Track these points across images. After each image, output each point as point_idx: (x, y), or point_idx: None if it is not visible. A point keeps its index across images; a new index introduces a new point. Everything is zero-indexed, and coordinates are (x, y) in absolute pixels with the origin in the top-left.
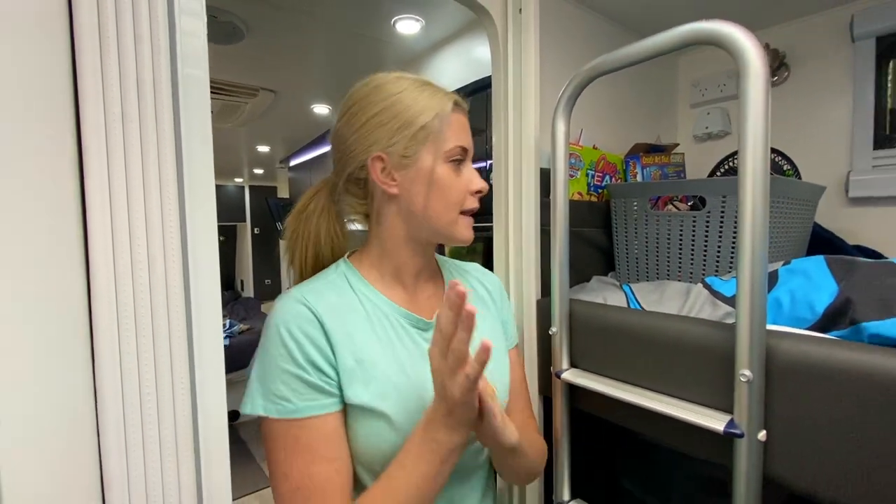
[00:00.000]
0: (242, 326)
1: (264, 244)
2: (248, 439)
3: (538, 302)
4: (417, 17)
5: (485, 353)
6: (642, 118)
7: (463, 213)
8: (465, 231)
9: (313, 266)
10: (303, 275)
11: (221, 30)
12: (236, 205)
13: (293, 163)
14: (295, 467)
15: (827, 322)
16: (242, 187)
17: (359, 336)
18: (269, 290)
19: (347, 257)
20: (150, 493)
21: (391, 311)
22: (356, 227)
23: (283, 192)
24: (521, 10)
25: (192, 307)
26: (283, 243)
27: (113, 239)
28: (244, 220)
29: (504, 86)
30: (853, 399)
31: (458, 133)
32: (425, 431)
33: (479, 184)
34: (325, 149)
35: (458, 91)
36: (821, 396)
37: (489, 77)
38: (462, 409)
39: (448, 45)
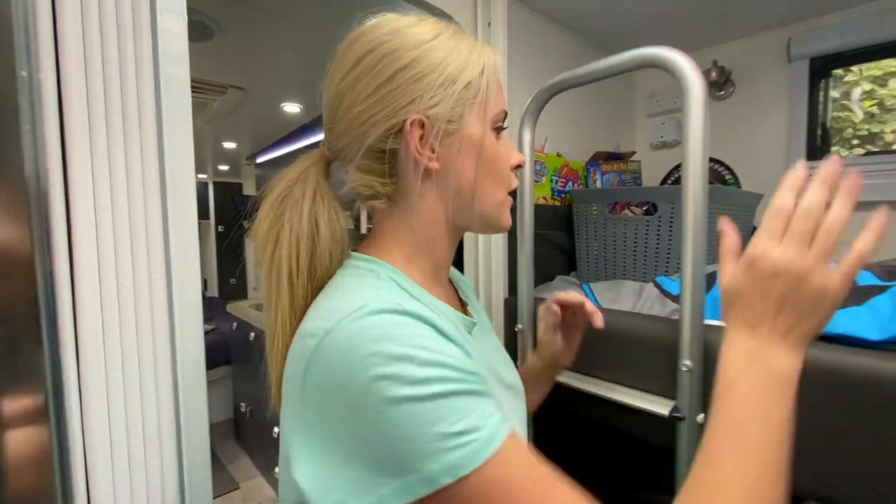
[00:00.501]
0: (207, 327)
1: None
2: (211, 441)
3: (506, 300)
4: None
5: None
6: (603, 127)
7: (510, 192)
8: (507, 214)
9: (308, 270)
10: (292, 281)
11: (192, 28)
12: (199, 201)
13: (260, 160)
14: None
15: None
16: (206, 183)
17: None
18: (235, 289)
19: (359, 253)
20: (135, 492)
21: (454, 316)
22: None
23: (250, 190)
24: (489, 23)
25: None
26: (250, 241)
27: (97, 239)
28: (208, 218)
29: None
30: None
31: (501, 95)
32: (760, 363)
33: (519, 157)
34: (295, 146)
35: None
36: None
37: None
38: (832, 306)
39: None
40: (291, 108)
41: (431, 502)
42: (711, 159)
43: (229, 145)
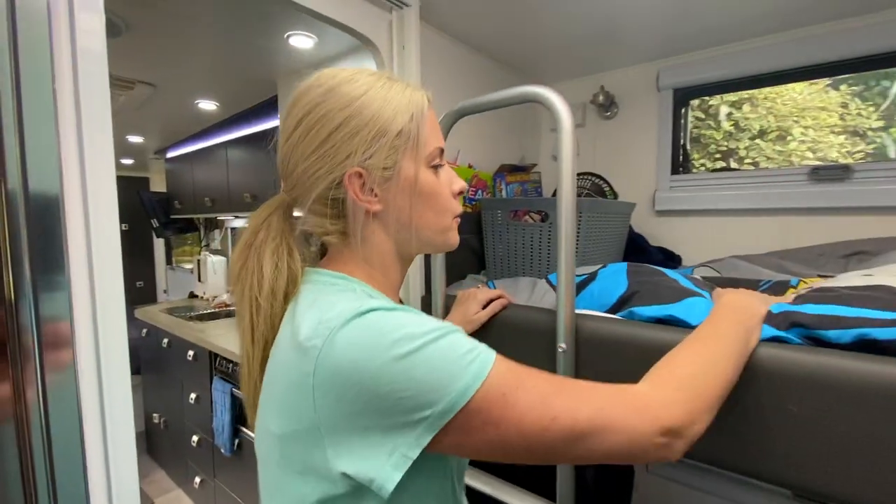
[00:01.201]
0: None
1: (135, 243)
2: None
3: (422, 298)
4: (310, 34)
5: None
6: (510, 141)
7: (456, 216)
8: (454, 236)
9: (270, 300)
10: (252, 314)
11: None
12: None
13: (171, 154)
14: (536, 379)
15: (617, 307)
16: None
17: None
18: (142, 293)
19: (328, 270)
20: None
21: None
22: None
23: (158, 185)
24: (404, 46)
25: (98, 309)
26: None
27: None
28: None
29: None
30: (625, 359)
31: (435, 132)
32: (743, 308)
33: (460, 184)
34: (210, 142)
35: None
36: (607, 357)
37: None
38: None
39: (343, 60)
40: (207, 105)
41: (463, 415)
42: (593, 174)
43: (135, 139)
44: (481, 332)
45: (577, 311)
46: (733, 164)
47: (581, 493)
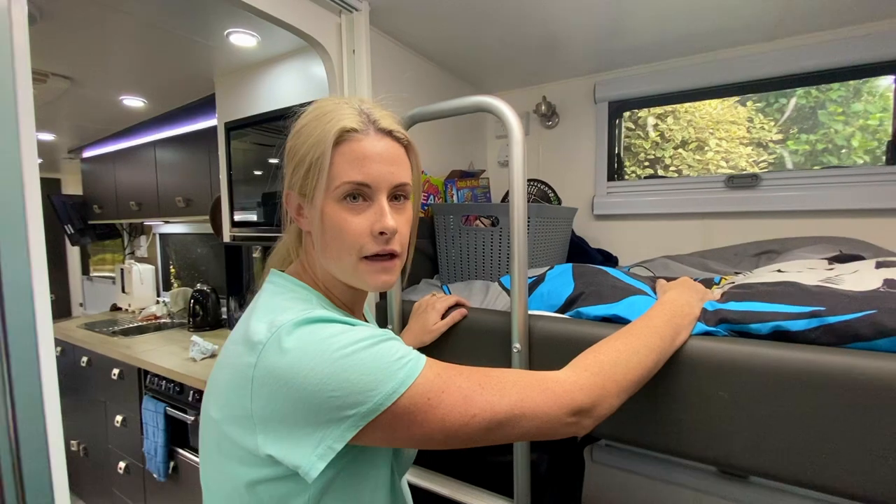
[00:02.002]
0: None
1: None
2: None
3: (377, 304)
4: (252, 32)
5: None
6: (459, 147)
7: (366, 257)
8: (371, 278)
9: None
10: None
11: None
12: None
13: (88, 154)
14: (460, 380)
15: (565, 307)
16: None
17: None
18: (55, 307)
19: (289, 275)
20: None
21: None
22: None
23: (72, 188)
24: (354, 50)
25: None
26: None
27: None
28: None
29: None
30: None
31: (354, 165)
32: (680, 306)
33: (381, 224)
34: (136, 141)
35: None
36: (557, 355)
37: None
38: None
39: (288, 61)
40: (133, 101)
41: (389, 415)
42: (539, 181)
43: (45, 137)
44: (440, 339)
45: (530, 313)
46: (660, 172)
47: (536, 486)
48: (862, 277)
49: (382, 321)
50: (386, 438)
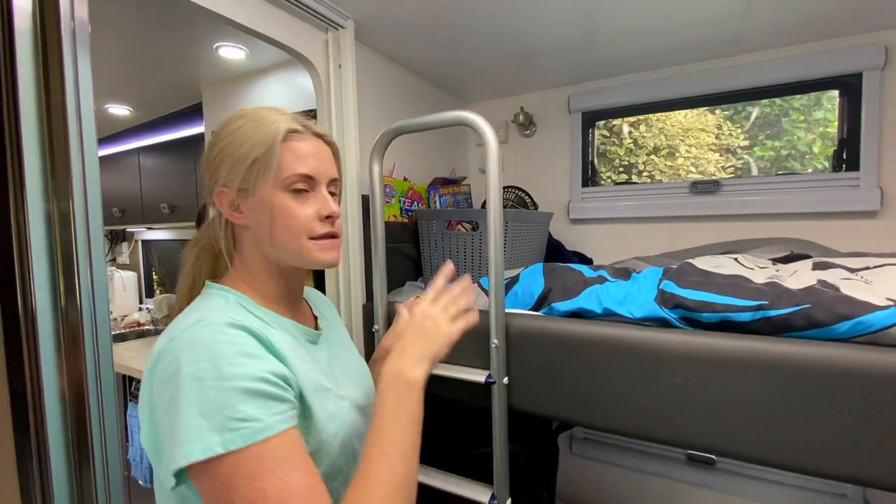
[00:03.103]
0: None
1: None
2: None
3: (364, 306)
4: (241, 46)
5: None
6: (442, 155)
7: (314, 238)
8: (320, 254)
9: (188, 296)
10: (180, 304)
11: None
12: None
13: None
14: (268, 486)
15: (538, 305)
16: None
17: (290, 351)
18: None
19: (216, 283)
20: None
21: (295, 329)
22: None
23: None
24: (340, 65)
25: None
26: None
27: None
28: None
29: (329, 126)
30: (550, 351)
31: (298, 160)
32: (398, 378)
33: (328, 209)
34: (119, 147)
35: None
36: (533, 351)
37: (315, 109)
38: (448, 346)
39: (275, 72)
40: (119, 110)
41: (210, 467)
42: (516, 187)
43: None
44: None
45: (507, 311)
46: (634, 177)
47: (514, 474)
48: (800, 277)
49: (369, 322)
50: (196, 484)
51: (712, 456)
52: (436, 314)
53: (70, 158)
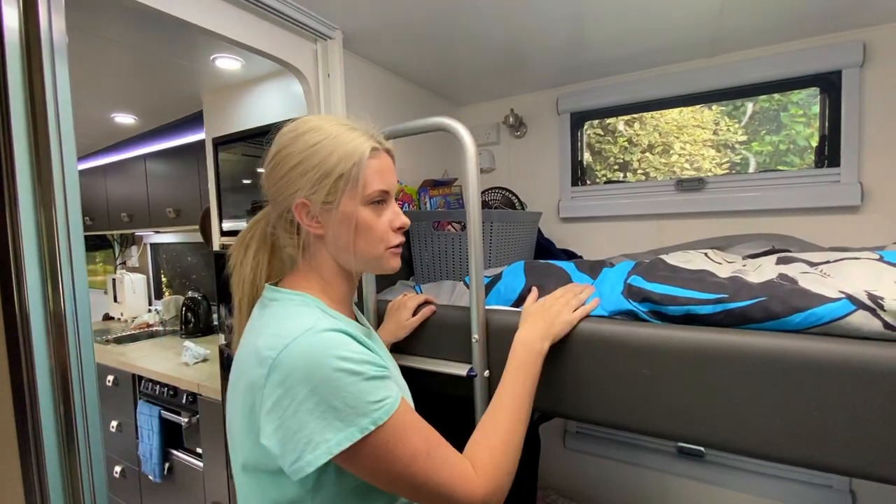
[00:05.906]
0: None
1: None
2: None
3: (355, 304)
4: (237, 57)
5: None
6: (433, 157)
7: (388, 248)
8: (393, 261)
9: (250, 295)
10: (241, 303)
11: None
12: None
13: (80, 167)
14: (414, 440)
15: (519, 301)
16: None
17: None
18: None
19: (279, 286)
20: None
21: (358, 329)
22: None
23: None
24: (329, 74)
25: None
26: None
27: None
28: None
29: None
30: None
31: (378, 176)
32: (532, 347)
33: (401, 221)
34: (127, 154)
35: (279, 125)
36: (511, 342)
37: None
38: (568, 329)
39: (270, 81)
40: (125, 119)
41: (361, 446)
42: (503, 188)
43: None
44: (413, 332)
45: (487, 307)
46: (629, 175)
47: None
48: (763, 271)
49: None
50: (349, 466)
51: (701, 448)
52: (562, 302)
53: (52, 168)
